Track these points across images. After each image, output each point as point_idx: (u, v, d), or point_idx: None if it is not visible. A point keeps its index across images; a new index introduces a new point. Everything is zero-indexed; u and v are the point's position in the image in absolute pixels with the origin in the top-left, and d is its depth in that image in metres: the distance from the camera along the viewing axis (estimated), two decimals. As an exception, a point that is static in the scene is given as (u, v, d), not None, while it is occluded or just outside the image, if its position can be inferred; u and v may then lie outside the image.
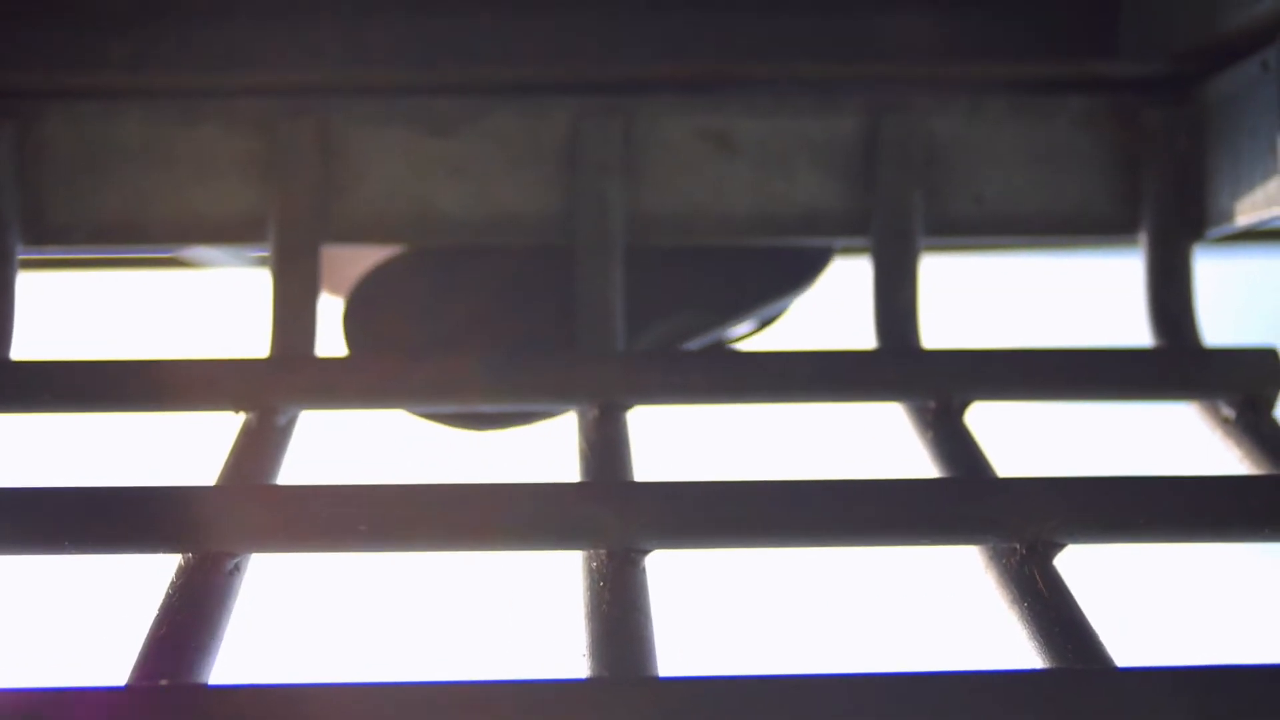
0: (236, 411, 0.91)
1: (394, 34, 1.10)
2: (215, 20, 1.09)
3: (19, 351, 1.00)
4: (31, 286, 1.05)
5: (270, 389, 0.91)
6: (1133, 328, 1.05)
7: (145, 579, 0.75)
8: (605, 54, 1.08)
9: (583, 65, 1.08)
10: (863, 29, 1.10)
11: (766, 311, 1.21)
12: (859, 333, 1.06)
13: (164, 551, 0.74)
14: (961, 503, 0.77)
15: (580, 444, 0.88)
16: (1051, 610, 0.71)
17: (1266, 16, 0.91)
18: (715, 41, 1.09)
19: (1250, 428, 0.90)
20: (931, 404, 0.92)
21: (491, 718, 0.62)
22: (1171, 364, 0.97)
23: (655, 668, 0.67)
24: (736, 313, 1.17)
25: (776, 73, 1.09)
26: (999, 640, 0.73)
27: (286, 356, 1.00)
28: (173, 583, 0.72)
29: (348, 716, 0.62)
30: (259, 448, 0.87)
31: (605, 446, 0.87)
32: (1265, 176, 0.94)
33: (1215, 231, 1.02)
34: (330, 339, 1.07)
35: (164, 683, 0.65)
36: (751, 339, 1.27)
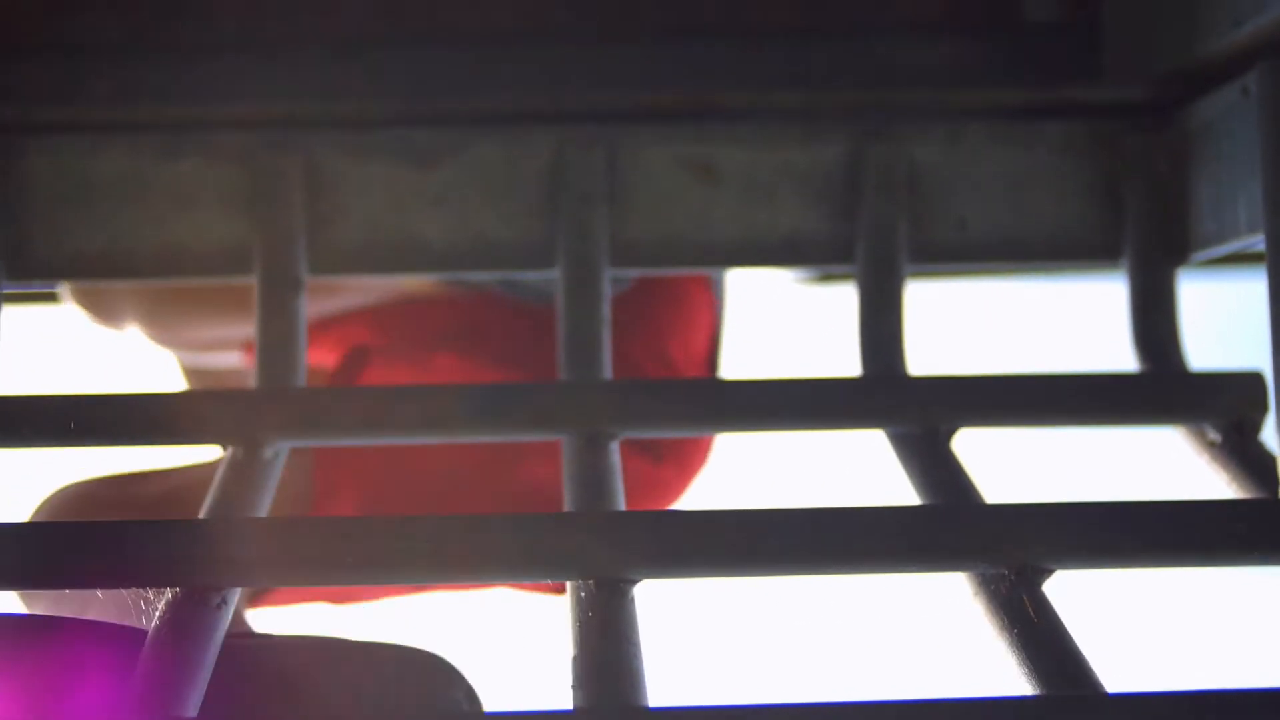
0: (223, 445, 0.90)
1: (375, 67, 1.10)
2: (196, 55, 1.09)
3: (1, 386, 1.00)
4: (14, 320, 1.05)
5: (256, 422, 0.91)
6: (1118, 352, 1.05)
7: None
8: (587, 84, 1.09)
9: (565, 95, 1.08)
10: (844, 58, 1.10)
11: None
12: (844, 360, 1.06)
13: (151, 586, 0.74)
14: (950, 529, 0.77)
15: (567, 474, 0.88)
16: (1041, 636, 0.71)
17: (1246, 42, 0.92)
18: (697, 71, 1.10)
19: (1237, 451, 0.90)
20: (918, 430, 0.92)
21: (482, 750, 0.62)
22: (1157, 388, 0.97)
23: (644, 698, 0.67)
24: None
25: (759, 102, 1.09)
26: (989, 667, 0.73)
27: (272, 389, 1.00)
28: (160, 616, 0.72)
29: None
30: (246, 481, 0.87)
31: (592, 476, 0.87)
32: (1247, 201, 0.94)
33: (1198, 256, 1.02)
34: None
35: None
36: None
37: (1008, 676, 0.71)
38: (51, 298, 2.13)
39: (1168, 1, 1.01)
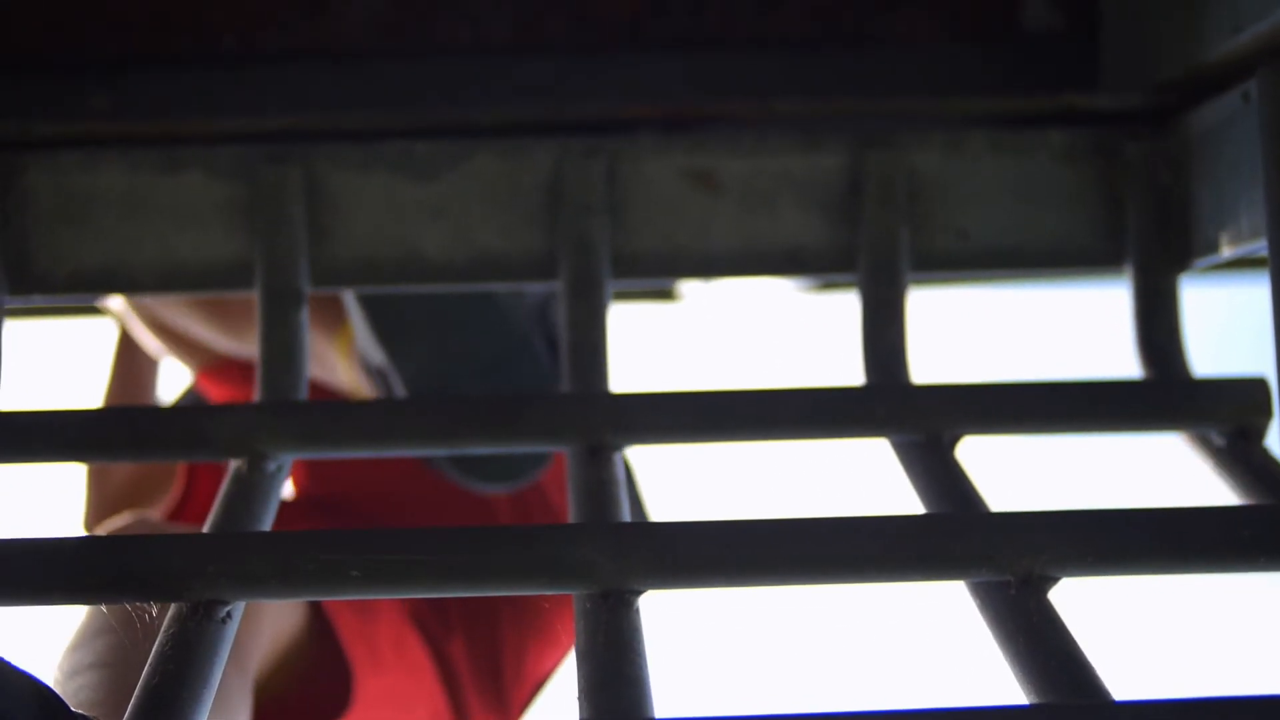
0: (227, 458, 0.90)
1: (375, 79, 1.10)
2: (196, 69, 1.09)
3: (5, 401, 1.00)
4: (16, 335, 1.05)
5: (260, 435, 0.91)
6: (1121, 359, 1.05)
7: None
8: (587, 95, 1.09)
9: (564, 106, 1.08)
10: (844, 67, 1.10)
11: None
12: (847, 369, 1.06)
13: (157, 599, 0.74)
14: (954, 538, 0.77)
15: (571, 485, 0.88)
16: (1046, 644, 0.71)
17: (1246, 49, 0.92)
18: (697, 81, 1.10)
19: (1241, 458, 0.90)
20: (921, 439, 0.92)
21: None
22: (1161, 395, 0.97)
23: (650, 709, 0.67)
24: None
25: (759, 111, 1.09)
26: (994, 675, 0.73)
27: (276, 402, 1.00)
28: (166, 630, 0.72)
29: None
30: (250, 494, 0.87)
31: (597, 487, 0.87)
32: (1248, 207, 0.94)
33: (1200, 262, 1.02)
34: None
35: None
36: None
37: (1013, 685, 0.71)
38: (52, 313, 2.13)
39: (1167, 9, 1.01)
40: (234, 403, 1.00)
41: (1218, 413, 0.93)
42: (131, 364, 1.87)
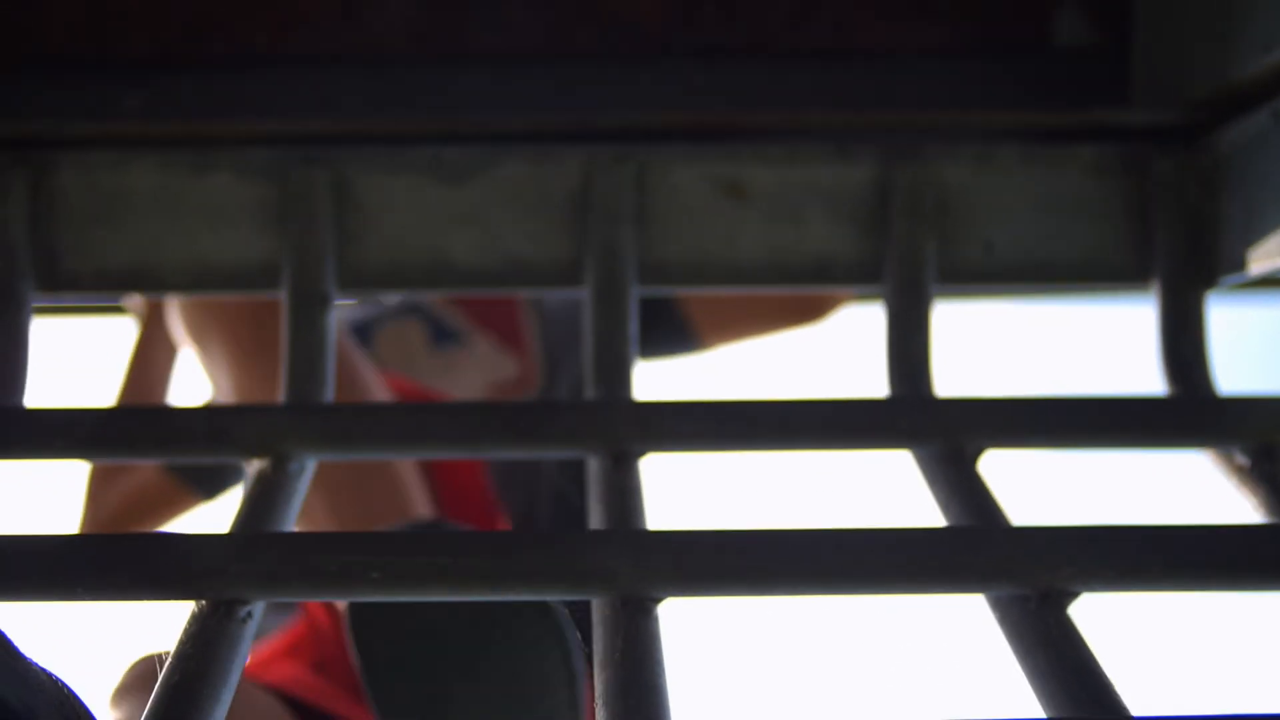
0: (250, 459, 0.91)
1: (405, 84, 1.10)
2: (228, 70, 1.09)
3: (33, 398, 1.01)
4: (45, 333, 1.05)
5: (284, 436, 0.91)
6: (1146, 375, 1.05)
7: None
8: (616, 102, 1.09)
9: (593, 113, 1.09)
10: (873, 79, 1.10)
11: None
12: (872, 380, 1.06)
13: (178, 598, 0.74)
14: (974, 551, 0.77)
15: (593, 492, 0.88)
16: (1066, 660, 0.71)
17: (1277, 66, 0.92)
18: (727, 90, 1.10)
19: (1266, 476, 0.90)
20: (944, 451, 0.92)
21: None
22: (1185, 412, 0.97)
23: (669, 717, 0.67)
24: None
25: (788, 121, 1.09)
26: (1013, 690, 0.73)
27: (300, 403, 1.00)
28: (186, 629, 0.72)
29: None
30: (272, 495, 0.87)
31: (618, 494, 0.87)
32: (1277, 225, 0.94)
33: (1228, 280, 1.02)
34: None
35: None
36: None
37: (1032, 700, 0.71)
38: (81, 310, 2.14)
39: (1199, 25, 1.01)
40: (259, 403, 1.01)
41: (1242, 431, 0.92)
42: (148, 363, 1.89)
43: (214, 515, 1.88)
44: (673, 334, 1.86)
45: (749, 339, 1.88)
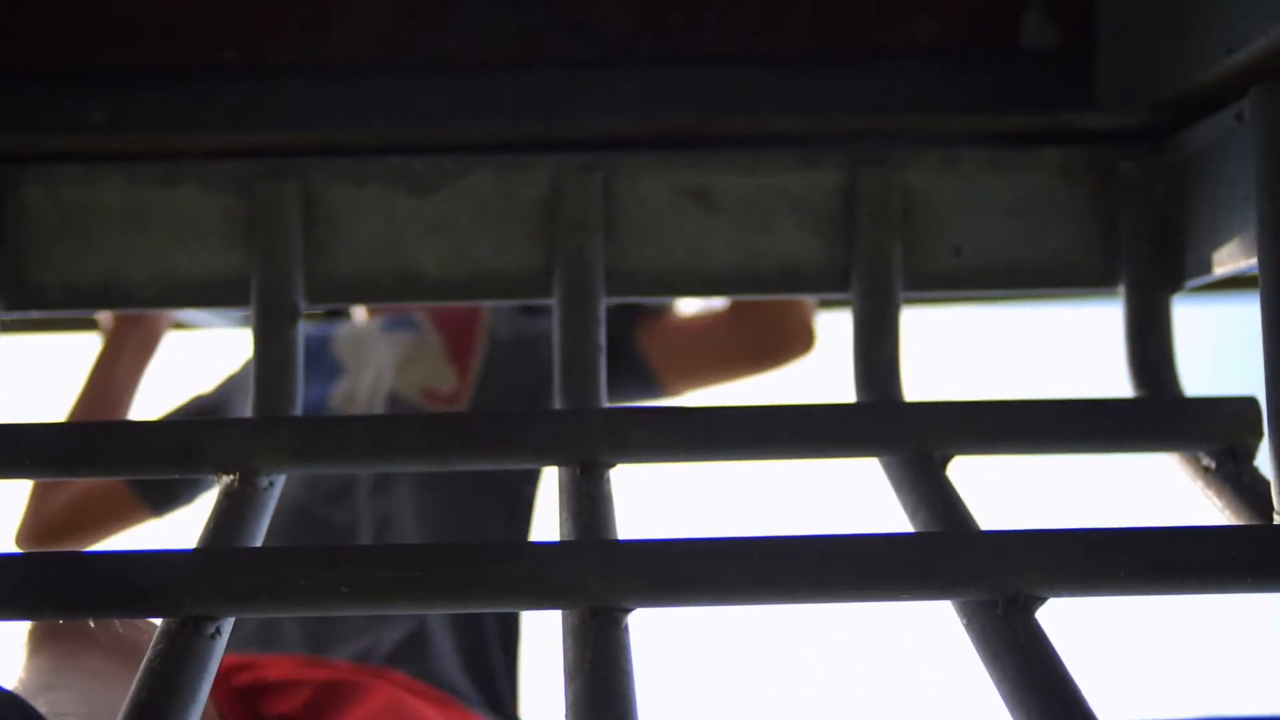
0: (219, 474, 0.90)
1: (373, 95, 1.10)
2: (194, 83, 1.09)
3: (1, 415, 1.00)
4: (11, 349, 1.05)
5: (252, 451, 0.91)
6: (1113, 378, 1.05)
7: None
8: (584, 111, 1.09)
9: (561, 123, 1.09)
10: (840, 84, 1.10)
11: None
12: (840, 387, 1.06)
13: (147, 615, 0.74)
14: (941, 557, 0.77)
15: (562, 502, 0.88)
16: (1033, 665, 0.71)
17: (1240, 68, 0.92)
18: (693, 98, 1.10)
19: (1231, 478, 0.90)
20: (912, 457, 0.92)
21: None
22: (1152, 414, 0.97)
23: (638, 727, 0.67)
24: None
25: (755, 128, 1.09)
26: (981, 696, 0.73)
27: (269, 418, 1.00)
28: (155, 646, 0.72)
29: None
30: (241, 510, 0.87)
31: (588, 504, 0.87)
32: (1241, 226, 0.94)
33: (1193, 281, 1.02)
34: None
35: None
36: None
37: (1000, 706, 0.71)
38: (49, 326, 2.13)
39: (1163, 28, 1.01)
40: (228, 419, 1.01)
41: (1208, 432, 0.92)
42: (109, 378, 1.87)
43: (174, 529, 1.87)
44: (636, 378, 1.87)
45: (713, 384, 1.88)
